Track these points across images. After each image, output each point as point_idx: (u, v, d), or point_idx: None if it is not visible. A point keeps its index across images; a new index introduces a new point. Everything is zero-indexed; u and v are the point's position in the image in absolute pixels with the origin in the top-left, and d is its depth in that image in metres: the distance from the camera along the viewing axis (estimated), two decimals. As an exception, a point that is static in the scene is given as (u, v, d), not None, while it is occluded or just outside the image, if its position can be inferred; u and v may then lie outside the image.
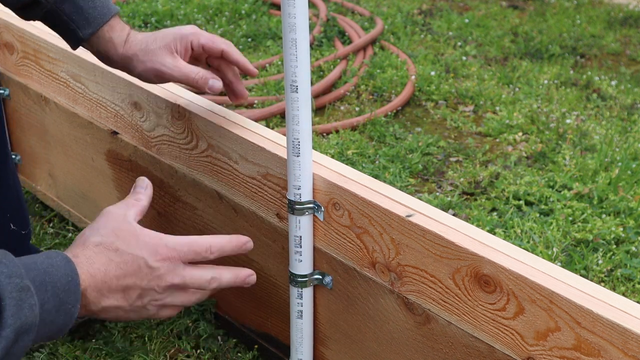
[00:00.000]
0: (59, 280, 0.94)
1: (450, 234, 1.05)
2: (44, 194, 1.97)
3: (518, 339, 1.01)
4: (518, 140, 2.56)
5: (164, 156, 1.50)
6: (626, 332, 0.89)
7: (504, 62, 3.28)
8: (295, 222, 1.21)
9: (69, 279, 0.95)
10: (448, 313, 1.09)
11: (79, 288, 0.96)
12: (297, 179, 1.18)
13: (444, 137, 2.60)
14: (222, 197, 1.41)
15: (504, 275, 0.99)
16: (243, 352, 1.52)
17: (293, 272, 1.25)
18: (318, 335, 1.33)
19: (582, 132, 2.60)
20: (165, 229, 1.61)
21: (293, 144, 1.16)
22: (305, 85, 1.13)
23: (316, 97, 2.81)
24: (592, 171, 2.29)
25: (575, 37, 3.59)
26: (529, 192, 2.18)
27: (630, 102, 2.91)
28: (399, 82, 2.95)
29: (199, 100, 1.43)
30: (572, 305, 0.93)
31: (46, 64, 1.73)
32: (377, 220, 1.13)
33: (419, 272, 1.10)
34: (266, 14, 3.77)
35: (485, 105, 2.83)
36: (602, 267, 1.87)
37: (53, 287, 0.93)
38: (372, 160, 2.39)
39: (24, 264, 0.92)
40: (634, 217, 2.07)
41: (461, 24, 3.72)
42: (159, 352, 1.52)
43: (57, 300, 0.93)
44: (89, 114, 1.67)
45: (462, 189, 2.25)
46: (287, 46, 1.10)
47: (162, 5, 3.73)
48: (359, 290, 1.22)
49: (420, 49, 3.39)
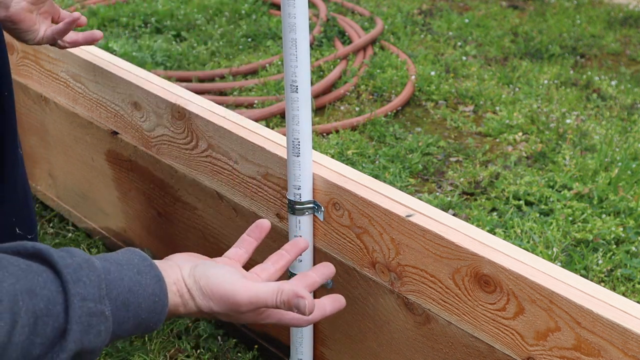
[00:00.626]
0: (144, 300, 0.89)
1: (450, 233, 1.05)
2: (44, 194, 1.97)
3: (518, 339, 1.01)
4: (518, 140, 2.56)
5: (164, 156, 1.50)
6: (626, 332, 0.89)
7: (504, 62, 3.28)
8: (295, 222, 1.21)
9: (156, 299, 0.91)
10: (448, 313, 1.09)
11: (165, 310, 0.92)
12: (297, 179, 1.18)
13: (444, 137, 2.60)
14: (222, 197, 1.41)
15: (504, 275, 0.99)
16: (243, 352, 1.52)
17: (293, 272, 1.25)
18: (318, 335, 1.33)
19: (582, 132, 2.60)
20: (166, 229, 1.61)
21: (293, 144, 1.16)
22: (305, 85, 1.13)
23: (316, 97, 2.81)
24: (592, 171, 2.29)
25: (575, 37, 3.59)
26: (529, 192, 2.18)
27: (630, 102, 2.91)
28: (399, 82, 2.95)
29: (199, 100, 1.43)
30: (572, 305, 0.93)
31: (46, 64, 1.73)
32: (377, 220, 1.13)
33: (419, 272, 1.10)
34: (266, 14, 3.77)
35: (485, 105, 2.83)
36: (602, 267, 1.87)
37: (136, 308, 0.89)
38: (372, 160, 2.39)
39: (109, 281, 0.87)
40: (634, 217, 2.07)
41: (461, 24, 3.72)
42: (159, 352, 1.52)
43: (137, 320, 0.89)
44: (89, 114, 1.67)
45: (462, 189, 2.25)
46: (287, 46, 1.10)
47: (162, 5, 3.73)
48: (359, 290, 1.22)
49: (420, 49, 3.39)
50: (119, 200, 1.72)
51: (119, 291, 0.87)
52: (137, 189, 1.63)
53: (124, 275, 0.89)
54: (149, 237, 1.68)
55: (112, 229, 1.79)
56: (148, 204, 1.62)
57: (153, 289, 0.90)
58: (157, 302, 0.91)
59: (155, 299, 0.90)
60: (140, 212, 1.66)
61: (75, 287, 0.82)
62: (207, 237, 1.50)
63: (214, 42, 3.39)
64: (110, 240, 1.81)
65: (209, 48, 3.34)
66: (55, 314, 0.81)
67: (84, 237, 1.88)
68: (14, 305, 0.78)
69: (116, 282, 0.87)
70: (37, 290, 0.80)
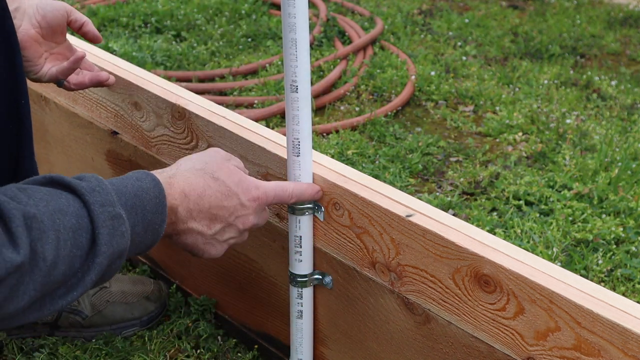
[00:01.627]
0: (148, 202, 1.00)
1: (450, 233, 1.05)
2: (44, 194, 1.97)
3: (518, 339, 1.01)
4: (518, 140, 2.56)
5: (164, 156, 1.50)
6: (626, 332, 0.89)
7: (504, 62, 3.28)
8: (295, 222, 1.21)
9: (157, 201, 1.01)
10: (448, 313, 1.09)
11: (166, 210, 1.02)
12: (297, 179, 1.18)
13: (444, 137, 2.60)
14: (222, 197, 1.41)
15: (504, 275, 0.99)
16: (243, 352, 1.52)
17: (293, 272, 1.25)
18: (318, 335, 1.33)
19: (582, 132, 2.60)
20: (165, 229, 1.61)
21: (293, 144, 1.16)
22: (305, 85, 1.13)
23: (316, 97, 2.81)
24: (592, 171, 2.29)
25: (575, 37, 3.59)
26: (529, 192, 2.18)
27: (630, 102, 2.91)
28: (399, 82, 2.95)
29: (199, 100, 1.43)
30: (572, 305, 0.93)
31: (46, 64, 1.73)
32: (377, 220, 1.13)
33: (419, 272, 1.10)
34: (266, 14, 3.77)
35: (485, 105, 2.83)
36: (602, 267, 1.87)
37: (142, 210, 0.99)
38: (372, 160, 2.39)
39: (116, 189, 0.97)
40: (634, 217, 2.07)
41: (461, 24, 3.72)
42: (159, 352, 1.52)
43: (145, 222, 0.99)
44: (89, 114, 1.67)
45: (462, 189, 2.25)
46: (287, 46, 1.10)
47: (162, 5, 3.73)
48: (359, 290, 1.22)
49: (420, 49, 3.39)
50: (119, 200, 1.72)
51: (126, 197, 0.97)
52: (137, 189, 1.63)
53: (126, 183, 0.99)
54: (149, 237, 1.68)
55: (112, 229, 1.79)
56: (148, 204, 1.62)
57: (153, 192, 1.01)
58: (158, 203, 1.01)
59: (156, 200, 1.01)
60: (140, 212, 1.66)
61: (92, 197, 0.92)
62: (207, 237, 1.50)
63: (214, 42, 3.39)
64: (110, 240, 1.81)
65: (209, 48, 3.34)
66: (85, 225, 0.91)
67: (84, 237, 1.88)
68: (54, 223, 0.87)
69: (122, 189, 0.98)
70: (65, 209, 0.90)
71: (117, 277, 1.62)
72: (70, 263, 0.89)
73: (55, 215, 0.88)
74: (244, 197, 1.11)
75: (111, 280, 1.60)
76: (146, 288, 1.61)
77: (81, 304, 1.55)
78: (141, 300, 1.59)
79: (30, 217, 0.85)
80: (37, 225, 0.86)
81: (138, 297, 1.59)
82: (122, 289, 1.59)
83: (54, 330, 1.56)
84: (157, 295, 1.61)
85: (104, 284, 1.58)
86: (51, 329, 1.56)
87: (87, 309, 1.55)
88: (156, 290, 1.62)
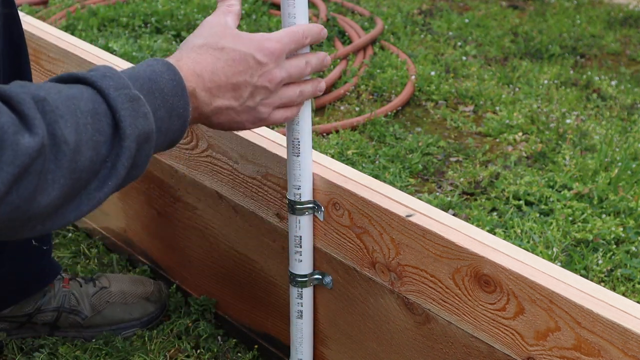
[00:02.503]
0: (165, 85, 0.94)
1: (450, 233, 1.05)
2: (44, 194, 1.97)
3: (518, 339, 1.01)
4: (518, 140, 2.56)
5: (163, 156, 1.50)
6: (626, 332, 0.89)
7: (504, 62, 3.28)
8: (295, 222, 1.21)
9: (174, 83, 0.95)
10: (448, 313, 1.09)
11: (185, 91, 0.96)
12: (297, 179, 1.18)
13: (444, 137, 2.60)
14: (222, 197, 1.41)
15: (504, 275, 0.99)
16: (243, 352, 1.52)
17: (293, 272, 1.25)
18: (318, 335, 1.33)
19: (582, 132, 2.60)
20: (166, 229, 1.61)
21: (293, 144, 1.16)
22: (305, 85, 1.13)
23: (316, 97, 2.81)
24: (592, 171, 2.29)
25: (575, 37, 3.59)
26: (529, 192, 2.18)
27: (630, 102, 2.91)
28: (399, 82, 2.95)
29: (199, 100, 1.43)
30: (572, 305, 0.93)
31: (46, 64, 1.72)
32: (377, 220, 1.13)
33: (419, 272, 1.10)
34: (266, 14, 3.77)
35: (485, 105, 2.83)
36: (602, 267, 1.87)
37: (161, 93, 0.94)
38: (372, 160, 2.39)
39: (128, 74, 0.92)
40: (634, 217, 2.07)
41: (461, 24, 3.72)
42: (159, 352, 1.52)
43: (167, 106, 0.94)
44: (89, 114, 1.66)
45: (462, 189, 2.25)
46: (287, 46, 1.10)
47: (162, 5, 3.73)
48: (359, 290, 1.22)
49: (420, 49, 3.39)
50: (119, 200, 1.72)
51: (141, 82, 0.92)
52: (137, 189, 1.63)
53: (138, 69, 0.95)
54: (149, 237, 1.68)
55: (112, 229, 1.79)
56: (148, 204, 1.62)
57: (168, 74, 0.95)
58: (176, 86, 0.95)
59: (173, 83, 0.95)
60: (140, 212, 1.66)
61: (104, 82, 0.88)
62: (207, 237, 1.50)
63: (214, 42, 3.39)
64: (110, 240, 1.81)
65: (209, 48, 3.33)
66: (103, 111, 0.87)
67: (84, 237, 1.88)
68: (68, 108, 0.83)
69: (134, 74, 0.93)
70: (79, 96, 0.86)
71: (117, 278, 1.62)
72: (96, 149, 0.85)
73: (70, 101, 0.84)
74: (259, 55, 1.02)
75: (111, 281, 1.60)
76: (146, 289, 1.61)
77: (81, 304, 1.55)
78: (141, 301, 1.59)
79: (41, 99, 0.81)
80: (50, 109, 0.81)
81: (138, 298, 1.59)
82: (122, 289, 1.59)
83: (54, 331, 1.56)
84: (157, 297, 1.61)
85: (104, 285, 1.58)
86: (51, 329, 1.56)
87: (86, 310, 1.55)
88: (156, 291, 1.62)
